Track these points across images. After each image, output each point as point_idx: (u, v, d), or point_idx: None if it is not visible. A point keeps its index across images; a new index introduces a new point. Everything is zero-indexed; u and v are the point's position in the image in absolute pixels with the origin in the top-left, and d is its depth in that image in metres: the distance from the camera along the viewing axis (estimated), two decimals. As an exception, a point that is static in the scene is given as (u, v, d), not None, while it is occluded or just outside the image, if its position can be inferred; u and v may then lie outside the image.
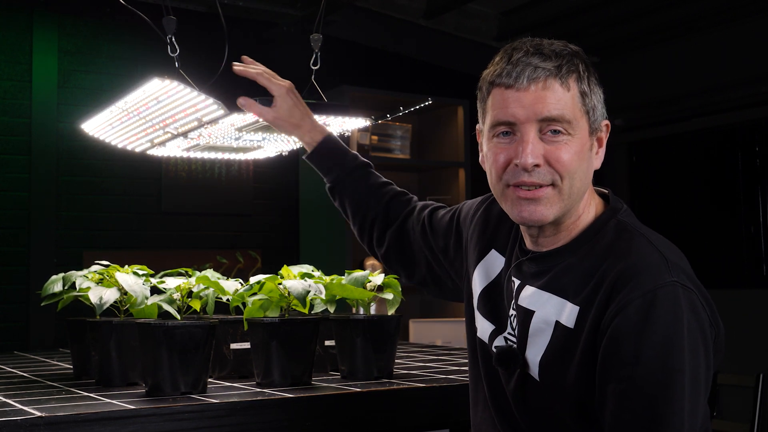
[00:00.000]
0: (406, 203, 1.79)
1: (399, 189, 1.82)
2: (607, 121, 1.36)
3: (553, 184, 1.29)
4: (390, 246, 1.76)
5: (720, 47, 4.75)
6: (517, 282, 1.39)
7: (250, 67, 1.80)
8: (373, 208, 1.78)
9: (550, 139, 1.28)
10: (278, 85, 1.78)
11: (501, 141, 1.31)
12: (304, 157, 1.83)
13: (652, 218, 4.95)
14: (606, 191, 1.41)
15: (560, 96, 1.27)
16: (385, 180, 1.83)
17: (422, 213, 1.73)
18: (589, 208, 1.36)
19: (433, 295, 1.78)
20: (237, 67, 1.80)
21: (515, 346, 1.36)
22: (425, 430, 1.87)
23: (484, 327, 1.46)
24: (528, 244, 1.40)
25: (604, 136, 1.36)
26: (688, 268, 1.26)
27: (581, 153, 1.30)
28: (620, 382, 1.18)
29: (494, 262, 1.48)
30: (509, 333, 1.39)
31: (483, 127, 1.38)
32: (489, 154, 1.34)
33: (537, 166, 1.28)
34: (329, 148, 1.80)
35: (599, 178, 1.37)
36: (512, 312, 1.39)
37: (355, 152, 1.82)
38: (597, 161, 1.36)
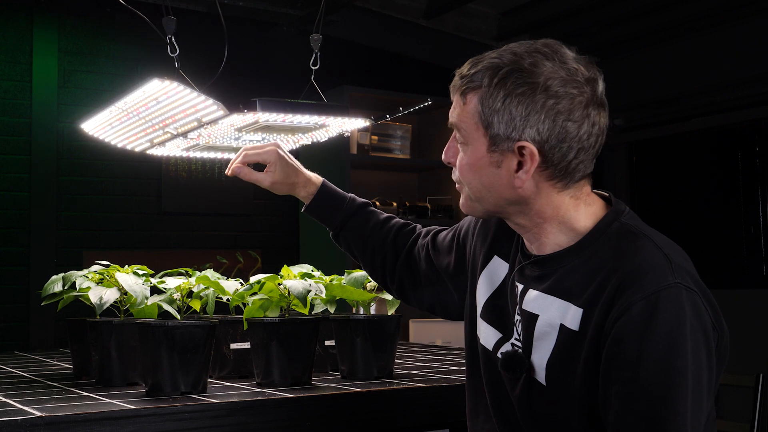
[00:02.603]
0: (410, 233, 1.79)
1: (402, 221, 1.82)
2: (524, 144, 1.28)
3: (460, 184, 1.39)
4: (402, 277, 1.75)
5: (720, 47, 4.75)
6: (520, 286, 1.39)
7: (234, 162, 1.80)
8: (381, 248, 1.77)
9: (457, 145, 1.38)
10: (266, 151, 1.78)
11: None
12: (302, 210, 1.82)
13: (652, 218, 4.95)
14: (607, 194, 1.41)
15: (456, 107, 1.36)
16: (387, 215, 1.82)
17: (426, 238, 1.74)
18: (568, 214, 1.33)
19: (441, 317, 1.78)
20: (228, 172, 1.82)
21: (521, 350, 1.36)
22: (425, 430, 1.87)
23: (488, 334, 1.45)
24: (528, 246, 1.40)
25: (528, 159, 1.29)
26: (693, 269, 1.26)
27: (474, 165, 1.34)
28: (623, 384, 1.18)
29: (498, 268, 1.48)
30: (515, 339, 1.38)
31: None
32: None
33: (450, 163, 1.40)
34: (325, 197, 1.79)
35: (599, 178, 1.36)
36: (517, 317, 1.38)
37: (352, 195, 1.81)
38: (517, 181, 1.31)
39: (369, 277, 2.03)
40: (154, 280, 1.95)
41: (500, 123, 1.29)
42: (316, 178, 1.81)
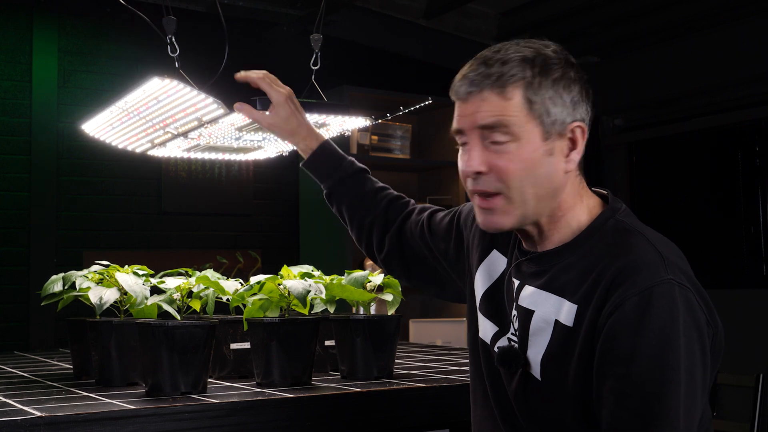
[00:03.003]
0: (403, 206, 1.78)
1: (396, 193, 1.82)
2: (577, 124, 1.32)
3: (501, 193, 1.31)
4: (390, 250, 1.75)
5: (720, 47, 4.75)
6: (517, 282, 1.40)
7: (251, 73, 1.79)
8: (371, 213, 1.77)
9: (493, 147, 1.31)
10: (278, 91, 1.77)
11: (462, 151, 1.36)
12: (300, 164, 1.81)
13: (652, 218, 4.95)
14: (605, 192, 1.41)
15: (495, 105, 1.30)
16: (382, 185, 1.82)
17: (421, 215, 1.73)
18: (576, 208, 1.35)
19: (434, 296, 1.78)
20: (239, 74, 1.80)
21: (516, 345, 1.37)
22: (425, 430, 1.87)
23: (486, 328, 1.46)
24: (525, 244, 1.41)
25: (579, 137, 1.33)
26: (687, 267, 1.27)
27: (530, 160, 1.30)
28: (616, 380, 1.19)
29: (496, 262, 1.49)
30: (512, 333, 1.39)
31: None
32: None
33: (480, 173, 1.31)
34: (325, 154, 1.79)
35: (599, 178, 1.37)
36: (513, 312, 1.39)
37: (352, 158, 1.81)
38: (569, 164, 1.33)
39: (369, 278, 2.03)
40: (154, 280, 1.95)
41: (555, 109, 1.30)
42: (320, 135, 1.81)
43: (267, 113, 1.79)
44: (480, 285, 1.50)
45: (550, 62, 1.31)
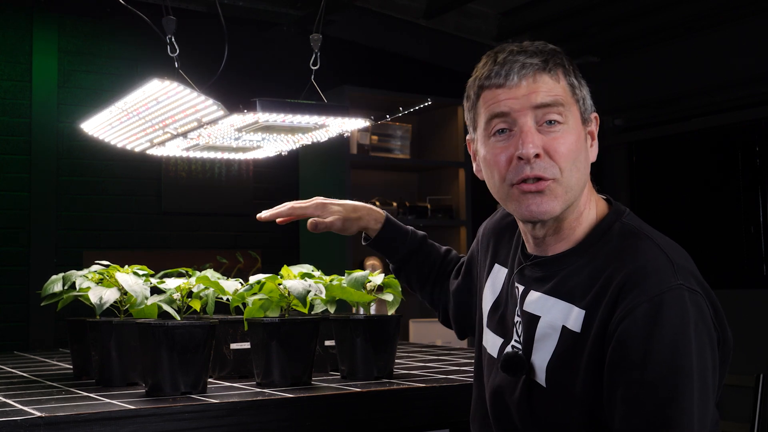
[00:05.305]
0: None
1: (458, 255, 1.85)
2: (595, 114, 1.38)
3: (553, 178, 1.28)
4: (445, 306, 1.80)
5: (720, 47, 4.75)
6: (521, 288, 1.39)
7: (300, 207, 1.79)
8: (440, 284, 1.82)
9: (546, 130, 1.29)
10: (327, 216, 1.77)
11: (498, 139, 1.31)
12: (365, 243, 1.85)
13: (652, 218, 4.93)
14: (605, 197, 1.41)
15: (551, 86, 1.30)
16: (445, 249, 1.85)
17: (458, 262, 1.78)
18: (589, 205, 1.35)
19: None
20: (263, 215, 1.80)
21: (521, 351, 1.35)
22: (425, 430, 1.86)
23: (494, 342, 1.45)
24: (530, 248, 1.39)
25: (595, 128, 1.38)
26: (695, 270, 1.26)
27: (577, 142, 1.31)
28: (629, 387, 1.18)
29: (498, 274, 1.49)
30: (515, 340, 1.38)
31: (475, 134, 1.38)
32: (488, 155, 1.33)
33: (537, 156, 1.27)
34: (390, 232, 1.81)
35: (599, 178, 1.37)
36: (517, 318, 1.38)
37: (411, 228, 1.84)
38: (592, 154, 1.37)
39: (369, 278, 2.03)
40: (154, 280, 1.95)
41: (586, 96, 1.36)
42: (378, 212, 1.82)
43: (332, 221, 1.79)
44: (487, 301, 1.51)
45: (569, 58, 1.37)
